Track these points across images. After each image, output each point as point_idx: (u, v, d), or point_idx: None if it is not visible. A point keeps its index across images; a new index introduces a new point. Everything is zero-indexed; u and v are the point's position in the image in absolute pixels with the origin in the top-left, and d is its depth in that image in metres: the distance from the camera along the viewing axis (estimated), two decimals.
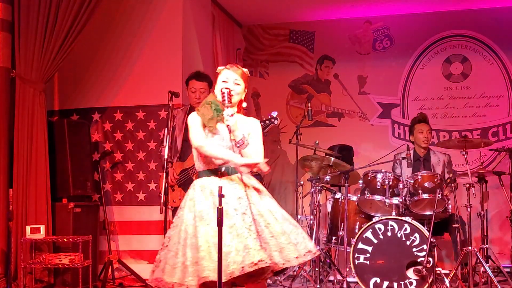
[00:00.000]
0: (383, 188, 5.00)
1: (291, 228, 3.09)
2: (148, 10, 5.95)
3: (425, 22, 7.13)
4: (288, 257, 2.99)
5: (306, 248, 3.06)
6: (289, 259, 2.99)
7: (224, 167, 3.16)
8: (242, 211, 3.02)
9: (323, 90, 7.45)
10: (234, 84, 3.20)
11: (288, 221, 3.12)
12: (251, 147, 3.14)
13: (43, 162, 5.26)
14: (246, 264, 2.86)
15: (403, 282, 4.66)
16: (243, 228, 2.96)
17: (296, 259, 3.00)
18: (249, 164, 3.06)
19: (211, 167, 3.17)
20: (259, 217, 3.03)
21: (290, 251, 3.00)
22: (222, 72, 3.25)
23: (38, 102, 5.31)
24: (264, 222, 3.03)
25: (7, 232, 5.08)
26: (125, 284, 5.55)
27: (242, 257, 2.88)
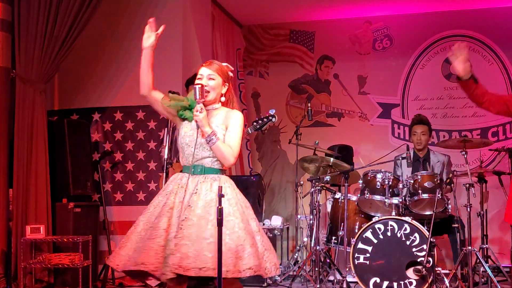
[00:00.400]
0: (383, 188, 5.00)
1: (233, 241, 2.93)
2: (148, 10, 5.94)
3: (425, 22, 7.14)
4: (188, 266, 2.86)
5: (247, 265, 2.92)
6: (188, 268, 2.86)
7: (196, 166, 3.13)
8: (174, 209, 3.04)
9: (323, 90, 7.46)
10: (208, 79, 3.20)
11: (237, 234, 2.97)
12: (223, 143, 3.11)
13: (43, 162, 5.26)
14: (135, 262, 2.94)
15: (403, 282, 4.66)
16: (160, 228, 2.98)
17: (198, 270, 2.85)
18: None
19: (185, 163, 3.19)
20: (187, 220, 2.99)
21: (195, 261, 2.87)
22: (198, 69, 3.28)
23: (38, 102, 5.32)
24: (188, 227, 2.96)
25: (7, 232, 5.08)
26: (125, 284, 5.55)
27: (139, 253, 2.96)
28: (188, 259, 2.88)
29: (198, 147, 3.13)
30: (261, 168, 7.42)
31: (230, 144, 3.13)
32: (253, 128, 4.46)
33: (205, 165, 3.13)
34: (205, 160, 3.14)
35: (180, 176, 3.16)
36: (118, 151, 5.98)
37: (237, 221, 3.03)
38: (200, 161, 3.13)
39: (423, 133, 5.47)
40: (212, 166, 3.15)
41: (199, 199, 3.05)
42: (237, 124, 3.19)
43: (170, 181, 3.19)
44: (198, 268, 2.86)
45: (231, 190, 3.13)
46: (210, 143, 3.09)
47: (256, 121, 4.43)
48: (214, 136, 3.08)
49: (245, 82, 7.48)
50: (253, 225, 3.09)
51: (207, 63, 3.29)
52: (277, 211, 7.07)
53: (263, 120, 4.36)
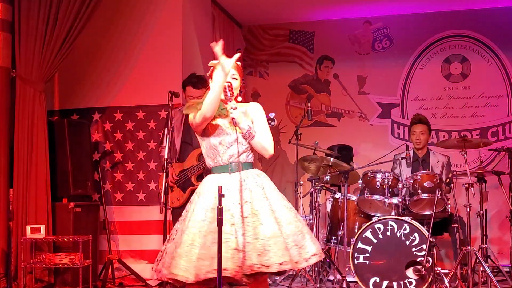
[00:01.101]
0: (382, 188, 5.00)
1: (292, 231, 3.00)
2: (148, 10, 5.95)
3: (424, 22, 7.14)
4: (268, 262, 2.90)
5: (311, 252, 3.00)
6: (268, 264, 2.90)
7: (234, 163, 3.13)
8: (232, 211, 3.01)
9: (322, 90, 7.46)
10: (232, 79, 3.20)
11: (294, 224, 3.04)
12: (260, 135, 3.13)
13: (43, 162, 5.26)
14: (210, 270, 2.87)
15: (403, 281, 4.67)
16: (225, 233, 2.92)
17: (278, 265, 2.89)
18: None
19: (220, 164, 3.16)
20: (251, 216, 2.99)
21: (274, 256, 2.90)
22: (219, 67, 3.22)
23: (38, 102, 5.32)
24: (253, 222, 2.98)
25: (7, 232, 5.08)
26: (125, 284, 5.55)
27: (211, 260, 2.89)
28: (265, 255, 2.89)
29: (233, 144, 3.12)
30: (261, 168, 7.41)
31: (266, 135, 3.16)
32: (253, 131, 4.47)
33: (242, 161, 3.14)
34: (241, 156, 3.14)
35: (216, 178, 3.13)
36: (118, 151, 5.98)
37: (288, 210, 3.08)
38: (236, 158, 3.13)
39: (422, 133, 5.48)
40: (247, 160, 3.18)
41: (252, 194, 3.06)
42: (263, 115, 3.23)
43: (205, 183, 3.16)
44: (278, 263, 2.89)
45: (269, 180, 3.18)
46: (250, 138, 3.11)
47: None
48: (252, 130, 3.10)
49: (245, 82, 7.48)
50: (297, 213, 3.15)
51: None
52: None
53: None
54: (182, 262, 2.94)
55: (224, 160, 3.14)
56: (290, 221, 3.04)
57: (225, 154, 3.13)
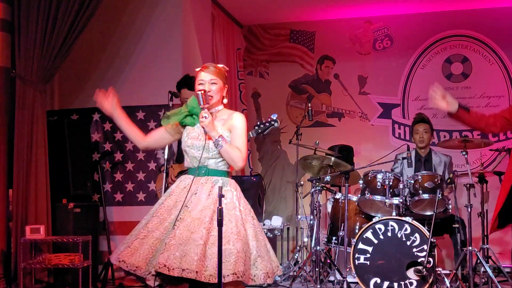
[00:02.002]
0: (383, 188, 4.99)
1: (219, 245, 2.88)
2: (148, 10, 5.95)
3: (425, 22, 7.13)
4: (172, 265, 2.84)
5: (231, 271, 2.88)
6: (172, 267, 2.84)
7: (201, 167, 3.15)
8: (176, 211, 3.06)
9: (323, 90, 7.45)
10: (211, 84, 3.21)
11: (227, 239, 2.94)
12: (229, 146, 3.12)
13: (43, 162, 5.26)
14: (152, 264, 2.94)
15: (403, 282, 4.65)
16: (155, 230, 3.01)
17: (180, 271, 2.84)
18: None
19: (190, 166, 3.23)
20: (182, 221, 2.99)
21: (181, 262, 2.85)
22: (199, 74, 3.25)
23: (38, 102, 5.31)
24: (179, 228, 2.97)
25: (7, 232, 5.08)
26: (125, 284, 5.54)
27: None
28: (174, 259, 2.87)
29: (201, 150, 3.14)
30: (262, 168, 7.41)
31: (238, 146, 3.15)
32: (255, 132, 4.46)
33: (209, 167, 3.15)
34: (209, 161, 3.15)
35: (184, 177, 3.21)
36: (118, 151, 5.98)
37: (231, 225, 3.02)
38: (204, 162, 3.15)
39: (425, 131, 5.47)
40: (217, 167, 3.17)
41: (198, 200, 3.06)
42: (241, 126, 3.20)
43: (176, 182, 3.24)
44: (182, 269, 2.85)
45: (230, 194, 3.12)
46: (218, 147, 3.11)
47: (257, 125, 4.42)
48: (221, 139, 3.10)
49: (245, 82, 7.48)
50: (250, 231, 3.07)
51: (206, 67, 3.26)
52: (278, 211, 7.07)
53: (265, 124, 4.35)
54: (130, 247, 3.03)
55: (194, 163, 3.19)
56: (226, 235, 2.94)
57: (194, 157, 3.18)
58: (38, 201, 5.20)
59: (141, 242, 2.99)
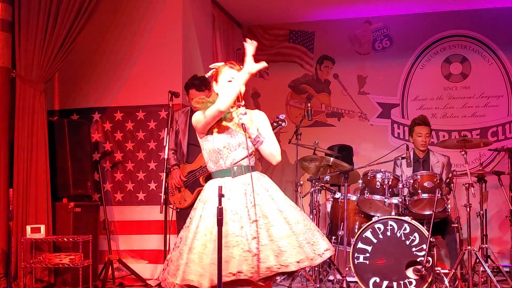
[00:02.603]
0: (382, 188, 5.00)
1: (302, 230, 3.03)
2: (148, 10, 5.95)
3: (424, 22, 7.14)
4: (286, 261, 2.91)
5: (324, 247, 3.03)
6: (287, 263, 2.92)
7: (236, 167, 3.13)
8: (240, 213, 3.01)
9: (322, 90, 7.46)
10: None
11: (302, 222, 3.06)
12: (268, 141, 3.15)
13: (43, 162, 5.26)
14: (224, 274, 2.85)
15: (403, 281, 4.66)
16: (235, 235, 2.94)
17: (296, 264, 2.92)
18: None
19: (222, 168, 3.15)
20: (262, 219, 2.99)
21: (291, 255, 2.92)
22: (226, 71, 3.21)
23: (38, 102, 5.32)
24: (266, 225, 2.98)
25: (7, 232, 5.09)
26: (125, 284, 5.55)
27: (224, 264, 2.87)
28: (283, 255, 2.91)
29: (237, 148, 3.13)
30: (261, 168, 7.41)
31: (274, 142, 3.20)
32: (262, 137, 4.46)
33: (243, 164, 3.14)
34: (243, 160, 3.14)
35: (219, 182, 3.10)
36: (118, 151, 5.99)
37: (294, 209, 3.09)
38: (239, 162, 3.13)
39: (427, 135, 5.47)
40: (249, 164, 3.17)
41: (260, 197, 3.07)
42: (268, 123, 3.25)
43: (208, 188, 3.15)
44: (296, 261, 2.91)
45: (273, 183, 3.19)
46: (258, 144, 3.11)
47: None
48: (261, 136, 3.11)
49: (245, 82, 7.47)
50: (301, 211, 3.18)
51: (234, 65, 3.24)
52: None
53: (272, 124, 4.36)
54: (195, 267, 2.93)
55: (227, 164, 3.14)
56: (298, 220, 3.06)
57: (228, 157, 3.13)
58: (39, 200, 5.21)
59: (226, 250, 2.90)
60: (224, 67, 3.23)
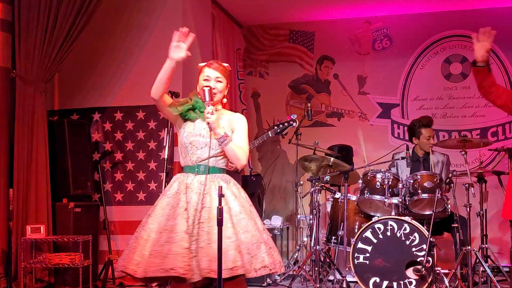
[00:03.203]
0: (382, 188, 5.00)
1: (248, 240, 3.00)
2: (148, 10, 5.95)
3: (424, 22, 7.14)
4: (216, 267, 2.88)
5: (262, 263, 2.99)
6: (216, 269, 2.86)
7: (201, 166, 3.13)
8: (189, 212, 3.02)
9: (322, 90, 7.46)
10: (216, 82, 3.20)
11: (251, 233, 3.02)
12: (234, 144, 3.12)
13: (44, 162, 5.27)
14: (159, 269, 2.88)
15: (403, 281, 4.67)
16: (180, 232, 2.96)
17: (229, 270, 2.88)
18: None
19: (188, 163, 3.18)
20: (207, 222, 2.99)
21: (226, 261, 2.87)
22: (204, 70, 3.24)
23: (38, 102, 5.32)
24: (209, 228, 2.97)
25: (7, 232, 5.09)
26: (125, 284, 5.55)
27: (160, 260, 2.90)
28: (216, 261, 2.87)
29: (204, 147, 3.12)
30: (261, 168, 7.42)
31: (241, 145, 3.15)
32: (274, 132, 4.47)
33: (210, 165, 3.12)
34: (210, 159, 3.12)
35: (183, 177, 3.15)
36: (118, 151, 5.99)
37: (248, 219, 3.06)
38: (204, 160, 3.12)
39: (434, 136, 5.49)
40: (216, 165, 3.15)
41: (212, 199, 3.05)
42: (243, 126, 3.22)
43: (173, 181, 3.18)
44: (229, 268, 2.88)
45: (237, 189, 3.15)
46: (223, 144, 3.09)
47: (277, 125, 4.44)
48: (227, 137, 3.09)
49: (245, 82, 7.49)
50: (259, 224, 3.13)
51: (212, 64, 3.25)
52: (277, 211, 7.07)
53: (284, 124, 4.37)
54: (135, 256, 2.98)
55: (192, 161, 3.15)
56: (247, 229, 3.03)
57: (194, 154, 3.15)
58: (39, 200, 5.21)
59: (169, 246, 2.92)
60: (204, 66, 3.27)
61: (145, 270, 2.93)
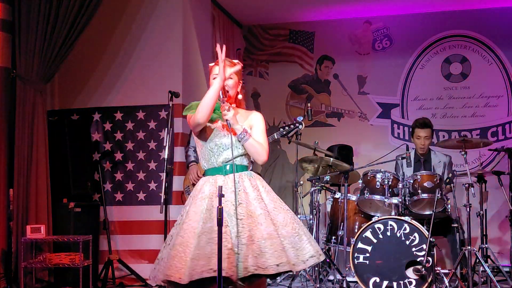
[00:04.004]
0: (382, 188, 5.01)
1: (289, 233, 3.00)
2: (148, 10, 5.96)
3: (424, 22, 7.14)
4: (265, 264, 2.89)
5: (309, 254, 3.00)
6: (265, 266, 2.88)
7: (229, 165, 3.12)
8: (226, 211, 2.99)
9: (322, 90, 7.46)
10: (227, 79, 3.19)
11: (290, 226, 3.03)
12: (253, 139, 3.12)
13: (44, 162, 5.27)
14: (206, 270, 2.85)
15: (403, 281, 4.67)
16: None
17: (276, 267, 2.89)
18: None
19: (214, 165, 3.15)
20: (246, 218, 2.98)
21: (271, 257, 2.89)
22: (213, 69, 3.20)
23: (38, 102, 5.32)
24: (249, 224, 2.97)
25: (7, 232, 5.09)
26: (125, 284, 5.55)
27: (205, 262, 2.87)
28: (262, 257, 2.89)
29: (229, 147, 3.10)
30: (261, 168, 7.43)
31: (261, 141, 3.16)
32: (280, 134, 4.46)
33: (237, 163, 3.11)
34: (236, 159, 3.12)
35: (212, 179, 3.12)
36: (118, 151, 5.99)
37: (284, 213, 3.07)
38: (230, 160, 3.10)
39: (426, 138, 5.45)
40: (242, 163, 3.16)
41: (248, 196, 3.05)
42: (262, 123, 3.24)
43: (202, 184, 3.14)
44: (276, 264, 2.89)
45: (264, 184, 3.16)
46: (243, 141, 3.09)
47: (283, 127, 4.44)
48: (246, 133, 3.08)
49: (245, 82, 7.49)
50: (293, 215, 3.14)
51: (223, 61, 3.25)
52: None
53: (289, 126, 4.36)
54: (175, 263, 2.93)
55: (218, 162, 3.13)
56: (286, 223, 3.03)
57: (220, 156, 3.12)
58: (39, 200, 5.21)
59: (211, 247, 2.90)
60: (214, 65, 3.22)
61: (189, 274, 2.87)
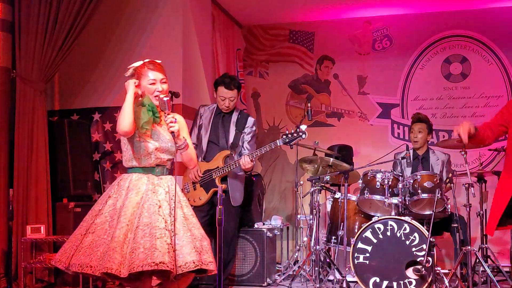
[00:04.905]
0: (382, 188, 5.01)
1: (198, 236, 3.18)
2: (148, 10, 5.96)
3: (424, 22, 7.15)
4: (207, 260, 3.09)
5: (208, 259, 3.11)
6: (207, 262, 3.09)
7: (160, 167, 3.26)
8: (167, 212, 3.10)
9: (322, 90, 7.47)
10: (162, 84, 3.24)
11: (199, 229, 3.21)
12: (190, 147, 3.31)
13: (44, 162, 5.27)
14: (147, 263, 2.91)
15: (403, 281, 4.67)
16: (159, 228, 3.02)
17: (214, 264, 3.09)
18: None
19: (145, 165, 3.23)
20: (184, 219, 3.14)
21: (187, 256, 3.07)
22: (146, 73, 3.25)
23: (38, 102, 5.32)
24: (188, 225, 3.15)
25: (7, 232, 5.09)
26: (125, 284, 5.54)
27: (146, 255, 2.93)
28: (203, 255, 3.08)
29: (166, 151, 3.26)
30: (261, 168, 7.43)
31: (192, 148, 3.36)
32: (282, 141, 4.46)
33: (167, 167, 3.30)
34: (168, 162, 3.29)
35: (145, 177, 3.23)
36: (119, 151, 5.98)
37: (194, 216, 3.24)
38: (164, 163, 3.27)
39: (419, 131, 5.47)
40: (168, 167, 3.34)
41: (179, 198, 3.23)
42: (185, 126, 3.38)
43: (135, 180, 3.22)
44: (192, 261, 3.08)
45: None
46: (183, 150, 3.22)
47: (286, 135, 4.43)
48: (185, 143, 3.22)
49: (245, 82, 7.49)
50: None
51: (153, 65, 3.29)
52: (277, 211, 7.08)
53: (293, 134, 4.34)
54: (115, 256, 2.97)
55: (151, 162, 3.23)
56: (197, 226, 3.21)
57: (156, 158, 3.23)
58: (39, 200, 5.21)
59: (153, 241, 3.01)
60: (143, 68, 3.26)
61: (129, 267, 2.94)
